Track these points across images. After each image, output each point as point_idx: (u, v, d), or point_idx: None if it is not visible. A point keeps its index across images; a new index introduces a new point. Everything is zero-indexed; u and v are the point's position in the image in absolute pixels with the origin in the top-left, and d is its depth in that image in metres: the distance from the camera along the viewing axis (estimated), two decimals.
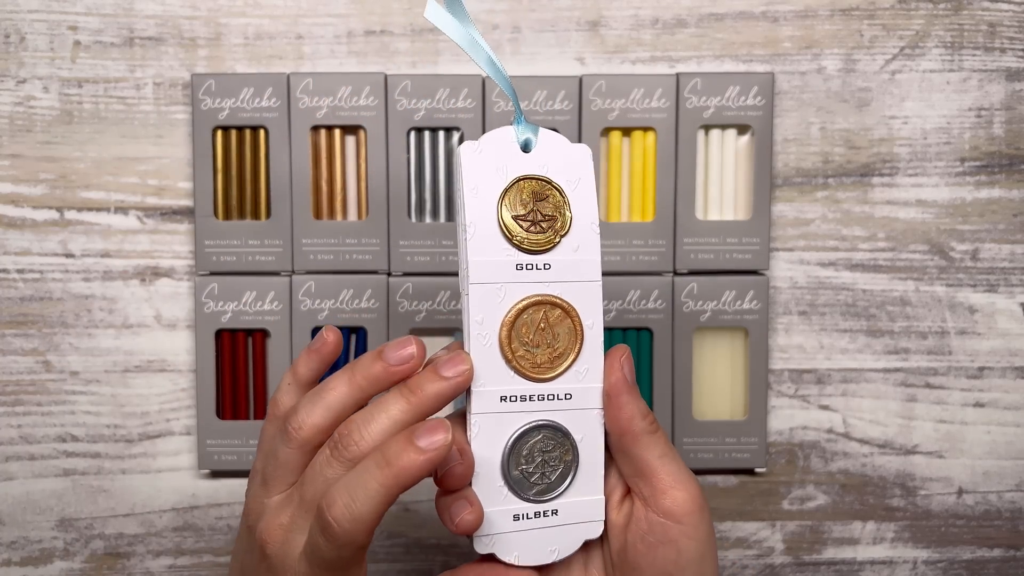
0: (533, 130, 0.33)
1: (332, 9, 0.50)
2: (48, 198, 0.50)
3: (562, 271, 0.33)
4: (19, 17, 0.49)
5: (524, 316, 0.33)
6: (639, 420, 0.33)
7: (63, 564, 0.51)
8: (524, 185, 0.33)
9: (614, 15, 0.50)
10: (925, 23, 0.50)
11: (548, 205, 0.33)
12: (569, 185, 0.33)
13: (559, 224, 0.33)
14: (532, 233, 0.33)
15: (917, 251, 0.51)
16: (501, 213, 0.33)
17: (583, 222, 0.33)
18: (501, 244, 0.33)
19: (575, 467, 0.34)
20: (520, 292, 0.33)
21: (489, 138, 0.33)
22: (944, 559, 0.52)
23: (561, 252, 0.33)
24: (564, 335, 0.33)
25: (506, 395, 0.33)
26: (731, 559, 0.52)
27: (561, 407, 0.34)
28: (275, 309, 0.49)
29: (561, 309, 0.33)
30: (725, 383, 0.51)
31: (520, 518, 0.33)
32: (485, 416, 0.33)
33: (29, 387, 0.51)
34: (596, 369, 0.34)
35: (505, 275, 0.33)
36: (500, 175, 0.33)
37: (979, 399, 0.51)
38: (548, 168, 0.33)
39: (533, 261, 0.33)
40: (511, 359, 0.33)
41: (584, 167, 0.34)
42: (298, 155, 0.49)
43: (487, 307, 0.33)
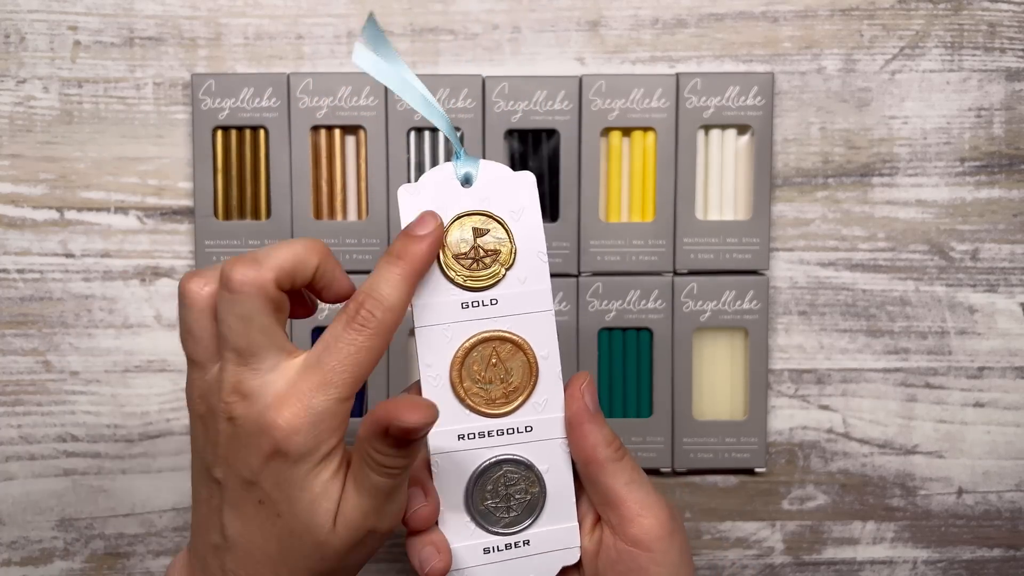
0: (474, 163, 0.33)
1: (332, 9, 0.50)
2: (48, 198, 0.50)
3: (510, 304, 0.33)
4: (19, 17, 0.50)
5: (473, 354, 0.33)
6: (603, 448, 0.33)
7: (63, 564, 0.51)
8: (464, 222, 0.33)
9: (614, 15, 0.50)
10: (925, 23, 0.50)
11: (490, 239, 0.33)
12: (512, 216, 0.33)
13: (503, 257, 0.33)
14: (475, 270, 0.33)
15: (917, 251, 0.51)
16: (442, 254, 0.33)
17: (529, 252, 0.33)
18: (443, 285, 0.33)
19: (543, 497, 0.34)
20: (467, 331, 0.33)
21: (427, 177, 0.33)
22: (944, 559, 0.52)
23: (508, 285, 0.33)
24: (518, 368, 0.33)
25: (463, 433, 0.33)
26: (731, 559, 0.52)
27: (523, 439, 0.34)
28: None
29: (512, 343, 0.33)
30: (725, 383, 0.51)
31: (491, 550, 0.34)
32: (445, 455, 0.33)
33: (29, 387, 0.51)
34: (556, 399, 0.34)
35: (450, 315, 0.33)
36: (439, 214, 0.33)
37: (979, 399, 0.51)
38: (490, 201, 0.33)
39: (479, 298, 0.33)
40: (464, 397, 0.33)
41: (528, 194, 0.33)
42: (298, 155, 0.49)
43: (435, 349, 0.33)
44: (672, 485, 0.51)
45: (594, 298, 0.49)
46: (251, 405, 0.30)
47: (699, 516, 0.52)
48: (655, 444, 0.50)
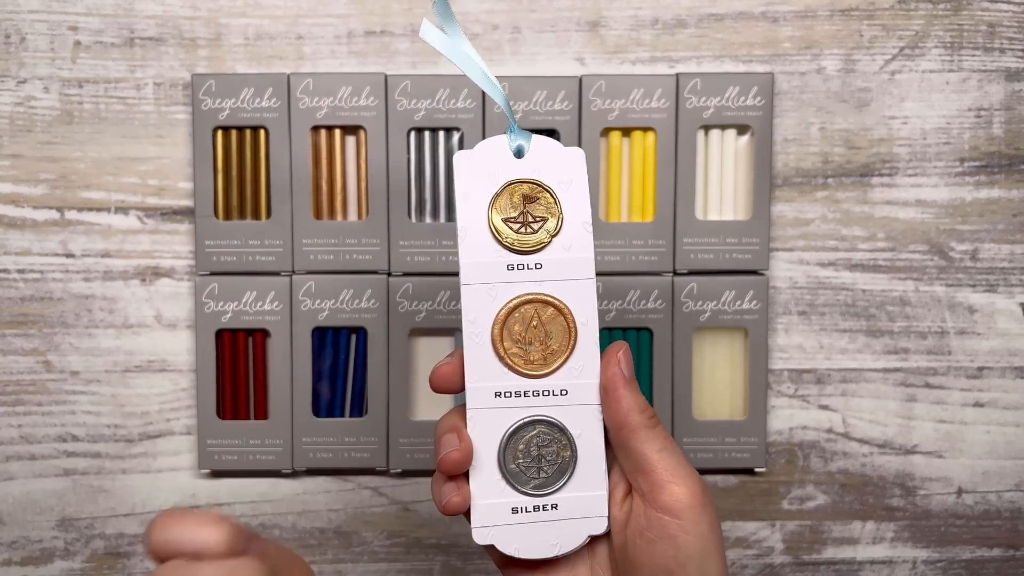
0: (526, 137, 0.35)
1: (332, 9, 0.50)
2: (48, 198, 0.50)
3: (554, 270, 0.34)
4: (19, 17, 0.50)
5: (516, 314, 0.34)
6: (636, 414, 0.33)
7: (63, 564, 0.51)
8: (515, 188, 0.34)
9: (614, 15, 0.50)
10: (925, 23, 0.50)
11: (539, 207, 0.34)
12: (561, 186, 0.34)
13: (550, 224, 0.34)
14: (522, 234, 0.34)
15: (917, 251, 0.51)
16: (491, 216, 0.34)
17: (575, 222, 0.34)
18: (492, 246, 0.34)
19: (574, 462, 0.34)
20: (511, 291, 0.34)
21: (483, 146, 0.35)
22: (944, 559, 0.52)
23: (553, 251, 0.34)
24: (557, 332, 0.34)
25: (500, 391, 0.34)
26: (731, 559, 0.52)
27: (557, 403, 0.34)
28: (275, 309, 0.49)
29: (553, 307, 0.34)
30: (725, 383, 0.51)
31: (519, 511, 0.34)
32: (480, 411, 0.34)
33: (29, 387, 0.51)
34: (592, 365, 0.34)
35: (496, 275, 0.34)
36: (491, 180, 0.34)
37: (979, 399, 0.52)
38: (540, 171, 0.34)
39: (524, 261, 0.34)
40: (504, 356, 0.34)
41: (577, 168, 0.34)
42: (298, 155, 0.49)
43: (479, 307, 0.34)
44: None
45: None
46: None
47: None
48: None
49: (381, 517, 0.51)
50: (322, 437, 0.50)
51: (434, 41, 0.34)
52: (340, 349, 0.50)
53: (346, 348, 0.50)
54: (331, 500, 0.51)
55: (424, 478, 0.51)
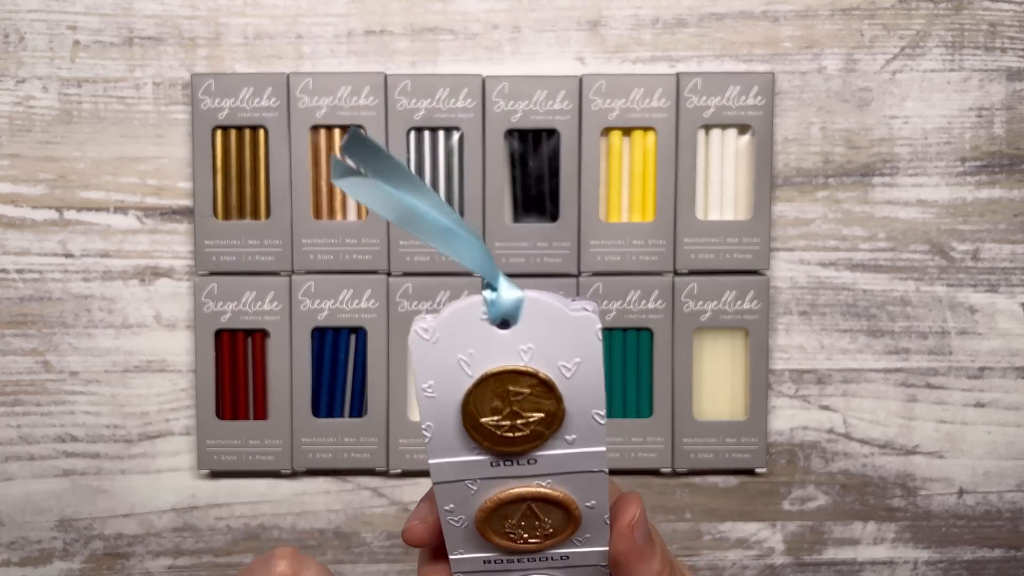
0: (515, 297, 0.25)
1: (332, 9, 0.50)
2: (47, 198, 0.50)
3: (552, 464, 0.27)
4: (18, 17, 0.49)
5: (504, 508, 0.28)
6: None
7: (62, 564, 0.51)
8: (501, 379, 0.26)
9: (614, 15, 0.50)
10: (926, 23, 0.50)
11: (532, 400, 0.26)
12: (563, 372, 0.25)
13: (546, 420, 0.26)
14: (509, 434, 0.26)
15: (918, 251, 0.51)
16: (466, 417, 0.26)
17: (581, 413, 0.26)
18: (469, 446, 0.27)
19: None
20: (496, 486, 0.27)
21: (449, 316, 0.25)
22: (945, 559, 0.52)
23: (551, 447, 0.27)
24: (556, 518, 0.28)
25: (491, 559, 0.29)
26: (731, 559, 0.52)
27: (557, 565, 0.29)
28: (275, 309, 0.49)
29: (551, 502, 0.28)
30: (725, 383, 0.50)
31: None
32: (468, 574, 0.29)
33: (28, 387, 0.50)
34: (600, 535, 0.29)
35: (476, 472, 0.27)
36: (464, 369, 0.26)
37: (979, 399, 0.51)
38: (533, 353, 0.25)
39: (513, 459, 0.27)
40: (492, 538, 0.28)
41: (587, 343, 0.25)
42: (298, 155, 0.49)
43: (456, 499, 0.28)
44: (672, 485, 0.51)
45: (594, 298, 0.49)
46: None
47: (699, 516, 0.51)
48: (655, 444, 0.50)
49: (381, 518, 0.51)
50: (322, 437, 0.49)
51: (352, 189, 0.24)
52: (340, 349, 0.50)
53: (346, 348, 0.50)
54: (331, 501, 0.51)
55: (424, 478, 0.51)
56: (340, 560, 0.51)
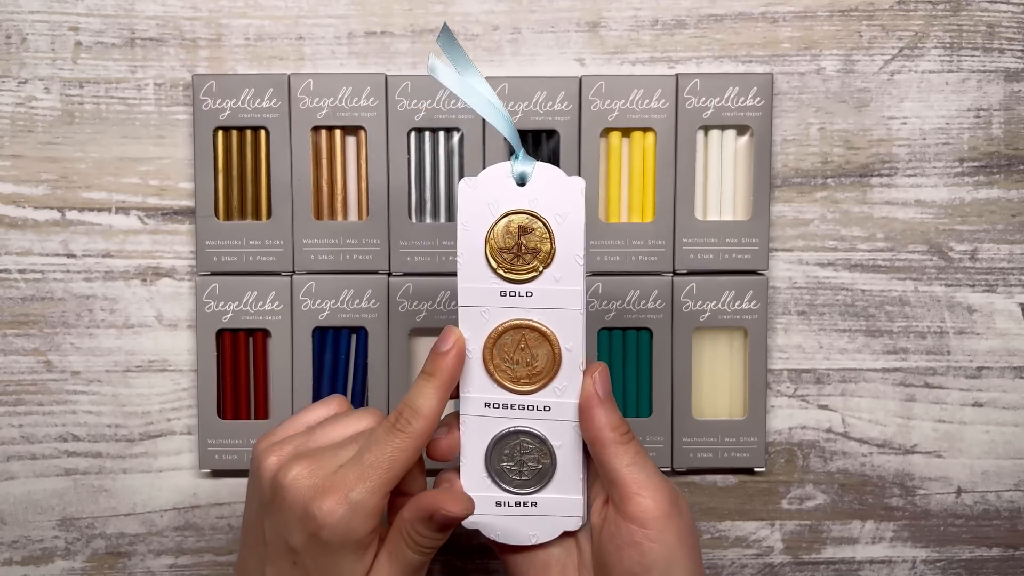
0: (530, 164, 0.36)
1: (333, 10, 0.50)
2: (49, 198, 0.50)
3: (543, 299, 0.37)
4: (20, 18, 0.50)
5: (505, 337, 0.37)
6: (608, 431, 0.36)
7: (64, 564, 0.51)
8: (512, 219, 0.36)
9: (614, 16, 0.50)
10: (924, 24, 0.50)
11: (533, 238, 0.36)
12: (557, 219, 0.36)
13: (542, 256, 0.36)
14: (515, 264, 0.37)
15: (916, 251, 0.51)
16: (488, 245, 0.37)
17: (567, 254, 0.36)
18: (486, 273, 0.37)
19: (552, 469, 0.38)
20: (502, 316, 0.37)
21: (486, 173, 0.37)
22: (943, 558, 0.52)
23: (543, 282, 0.37)
24: (543, 355, 0.37)
25: (489, 402, 0.38)
26: (730, 559, 0.52)
27: (541, 416, 0.37)
28: (276, 309, 0.49)
29: (540, 333, 0.37)
30: (724, 383, 0.51)
31: (502, 504, 0.38)
32: (471, 417, 0.38)
33: (30, 387, 0.51)
34: (574, 386, 0.37)
35: (489, 300, 0.37)
36: (491, 209, 0.37)
37: (978, 399, 0.52)
38: (538, 202, 0.37)
39: (516, 289, 0.37)
40: (492, 372, 0.37)
41: (574, 201, 0.36)
42: (299, 156, 0.49)
43: (472, 327, 0.37)
44: None
45: (594, 298, 0.49)
46: (302, 490, 0.35)
47: (699, 515, 0.52)
48: (655, 444, 0.50)
49: None
50: None
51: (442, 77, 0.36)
52: (340, 349, 0.50)
53: (346, 348, 0.50)
54: None
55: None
56: None
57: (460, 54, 0.36)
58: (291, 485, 0.35)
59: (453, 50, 0.36)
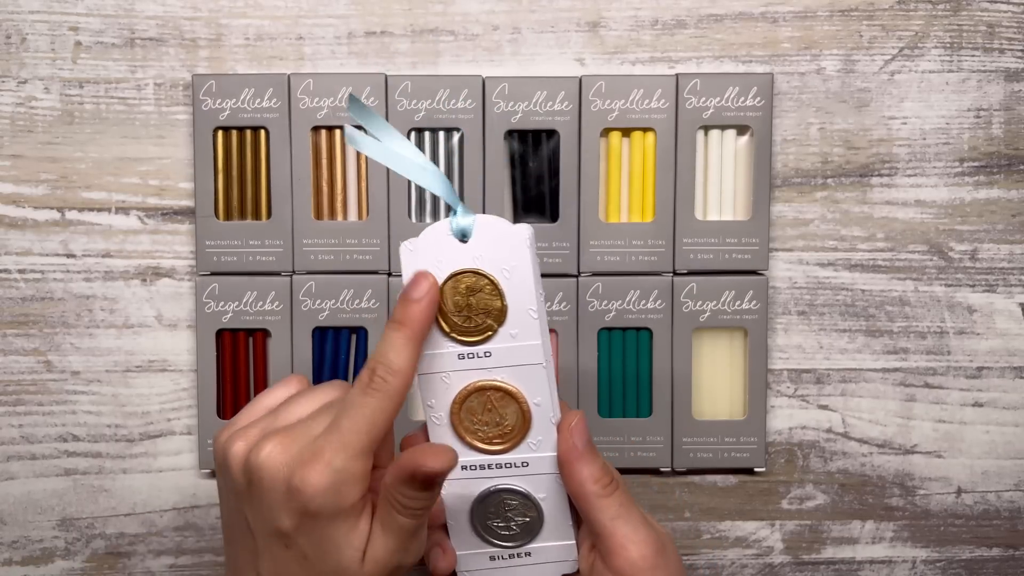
0: (469, 218, 0.35)
1: (333, 10, 0.50)
2: (49, 198, 0.50)
3: (503, 357, 0.35)
4: (20, 18, 0.50)
5: (471, 400, 0.36)
6: (590, 484, 0.35)
7: (64, 564, 0.51)
8: (459, 280, 0.35)
9: (614, 16, 0.50)
10: (924, 24, 0.50)
11: (483, 296, 0.35)
12: (504, 274, 0.35)
13: (495, 314, 0.35)
14: (468, 326, 0.35)
15: (916, 251, 0.51)
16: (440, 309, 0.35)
17: (519, 309, 0.35)
18: (441, 338, 0.35)
19: (540, 521, 0.37)
20: (464, 379, 0.36)
21: (425, 235, 0.35)
22: (943, 559, 0.52)
23: (500, 340, 0.35)
24: (511, 414, 0.36)
25: (466, 464, 0.37)
26: (730, 559, 0.52)
27: (520, 472, 0.37)
28: (276, 309, 0.49)
29: (504, 392, 0.36)
30: (724, 383, 0.51)
31: (496, 559, 0.37)
32: (451, 481, 0.37)
33: (30, 387, 0.51)
34: (549, 440, 0.36)
35: (448, 365, 0.36)
36: (436, 271, 0.35)
37: (978, 399, 0.52)
38: (483, 258, 0.35)
39: (474, 351, 0.35)
40: (463, 435, 0.36)
41: (520, 253, 0.35)
42: (299, 156, 0.49)
43: (436, 393, 0.36)
44: (672, 485, 0.51)
45: (594, 298, 0.49)
46: (279, 467, 0.33)
47: (698, 516, 0.52)
48: (655, 444, 0.50)
49: None
50: None
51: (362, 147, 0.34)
52: (340, 349, 0.50)
53: (346, 348, 0.50)
54: None
55: None
56: None
57: (375, 119, 0.35)
58: (267, 464, 0.33)
59: (367, 117, 0.35)
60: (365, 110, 0.34)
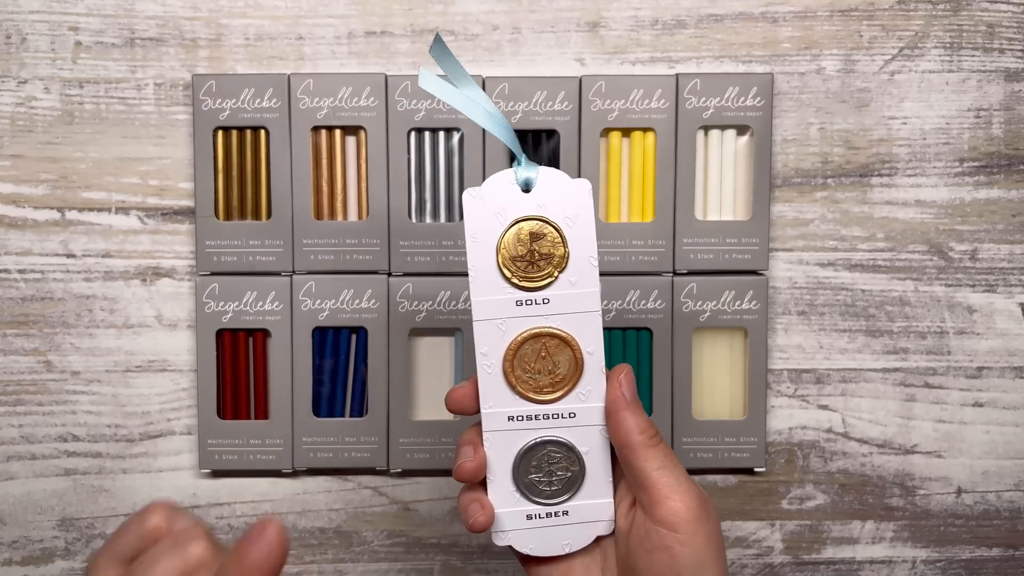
0: (533, 169, 0.36)
1: (333, 10, 0.50)
2: (49, 198, 0.50)
3: (561, 304, 0.36)
4: (20, 18, 0.50)
5: (525, 347, 0.36)
6: (636, 434, 0.35)
7: (64, 564, 0.51)
8: (522, 226, 0.36)
9: (614, 16, 0.50)
10: (924, 24, 0.50)
11: (545, 243, 0.36)
12: (567, 222, 0.36)
13: (556, 260, 0.36)
14: (529, 272, 0.36)
15: (916, 251, 0.51)
16: (500, 255, 0.36)
17: (580, 257, 0.36)
18: (500, 284, 0.36)
19: (582, 476, 0.37)
20: (520, 326, 0.36)
21: (490, 183, 0.36)
22: (943, 558, 0.52)
23: (559, 287, 0.36)
24: (564, 362, 0.36)
25: (513, 415, 0.37)
26: (730, 558, 0.52)
27: (566, 424, 0.37)
28: (276, 309, 0.49)
29: (560, 339, 0.36)
30: (724, 383, 0.51)
31: (533, 517, 0.37)
32: (495, 433, 0.37)
33: (30, 387, 0.51)
34: (598, 390, 0.37)
35: (505, 311, 0.36)
36: (499, 219, 0.36)
37: (978, 399, 0.52)
38: (546, 207, 0.36)
39: (532, 297, 0.36)
40: (515, 385, 0.36)
41: (583, 203, 0.36)
42: (299, 156, 0.49)
43: (490, 340, 0.36)
44: None
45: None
46: None
47: None
48: None
49: (381, 517, 0.52)
50: (322, 437, 0.50)
51: (435, 90, 0.35)
52: (340, 349, 0.50)
53: (346, 348, 0.50)
54: (331, 500, 0.51)
55: (424, 477, 0.51)
56: (341, 559, 0.52)
57: (454, 64, 0.35)
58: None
59: (447, 60, 0.35)
60: (446, 54, 0.35)
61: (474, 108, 0.35)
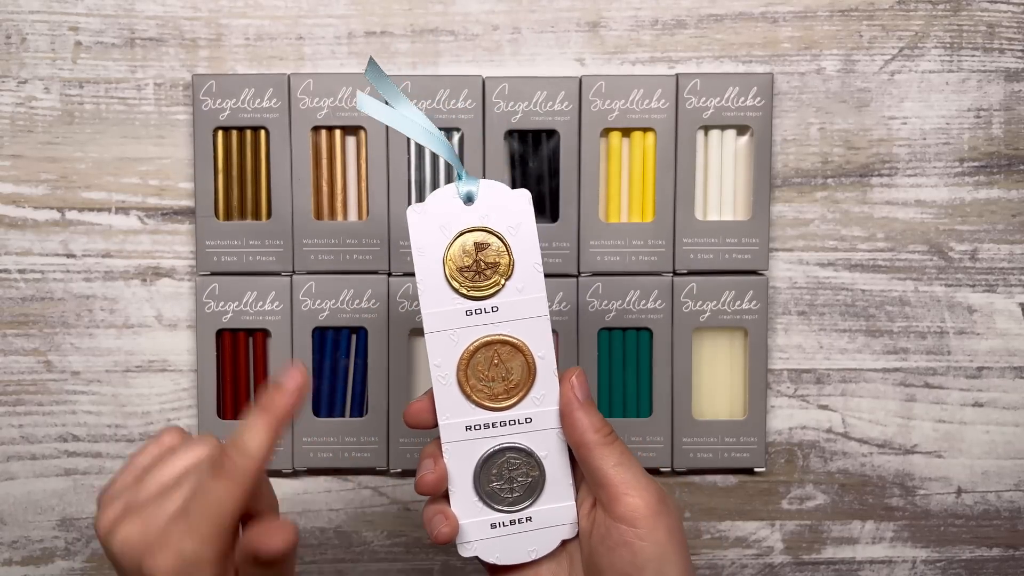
0: (474, 183, 0.36)
1: (333, 10, 0.50)
2: (49, 198, 0.50)
3: (510, 311, 0.37)
4: (20, 18, 0.50)
5: (478, 355, 0.37)
6: (591, 433, 0.36)
7: (64, 564, 0.51)
8: (467, 237, 0.36)
9: (614, 16, 0.50)
10: (924, 24, 0.50)
11: (491, 253, 0.36)
12: (510, 231, 0.36)
13: (502, 269, 0.36)
14: (477, 281, 0.36)
15: (916, 251, 0.51)
16: (447, 267, 0.36)
17: (526, 263, 0.37)
18: (449, 295, 0.36)
19: (543, 481, 0.38)
20: (472, 335, 0.37)
21: (432, 198, 0.36)
22: (943, 559, 0.52)
23: (507, 294, 0.37)
24: (517, 368, 0.37)
25: (470, 424, 0.37)
26: (730, 558, 0.52)
27: (524, 429, 0.37)
28: (276, 309, 0.49)
29: (511, 346, 0.37)
30: (724, 383, 0.51)
31: (497, 526, 0.38)
32: (454, 444, 0.37)
33: (30, 387, 0.51)
34: (553, 394, 0.37)
35: (456, 322, 0.37)
36: (444, 232, 0.36)
37: (978, 399, 0.52)
38: (489, 217, 0.37)
39: (481, 306, 0.36)
40: (470, 394, 0.37)
41: (523, 212, 0.37)
42: (299, 156, 0.49)
43: (443, 352, 0.37)
44: (672, 485, 0.51)
45: (594, 298, 0.49)
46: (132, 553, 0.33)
47: (699, 516, 0.52)
48: (655, 444, 0.50)
49: (381, 517, 0.52)
50: (322, 437, 0.50)
51: (372, 111, 0.36)
52: (340, 349, 0.50)
53: (346, 348, 0.50)
54: (331, 500, 0.51)
55: None
56: (341, 559, 0.52)
57: (389, 85, 0.36)
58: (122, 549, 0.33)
59: (382, 82, 0.36)
60: (381, 76, 0.36)
61: (411, 126, 0.36)
